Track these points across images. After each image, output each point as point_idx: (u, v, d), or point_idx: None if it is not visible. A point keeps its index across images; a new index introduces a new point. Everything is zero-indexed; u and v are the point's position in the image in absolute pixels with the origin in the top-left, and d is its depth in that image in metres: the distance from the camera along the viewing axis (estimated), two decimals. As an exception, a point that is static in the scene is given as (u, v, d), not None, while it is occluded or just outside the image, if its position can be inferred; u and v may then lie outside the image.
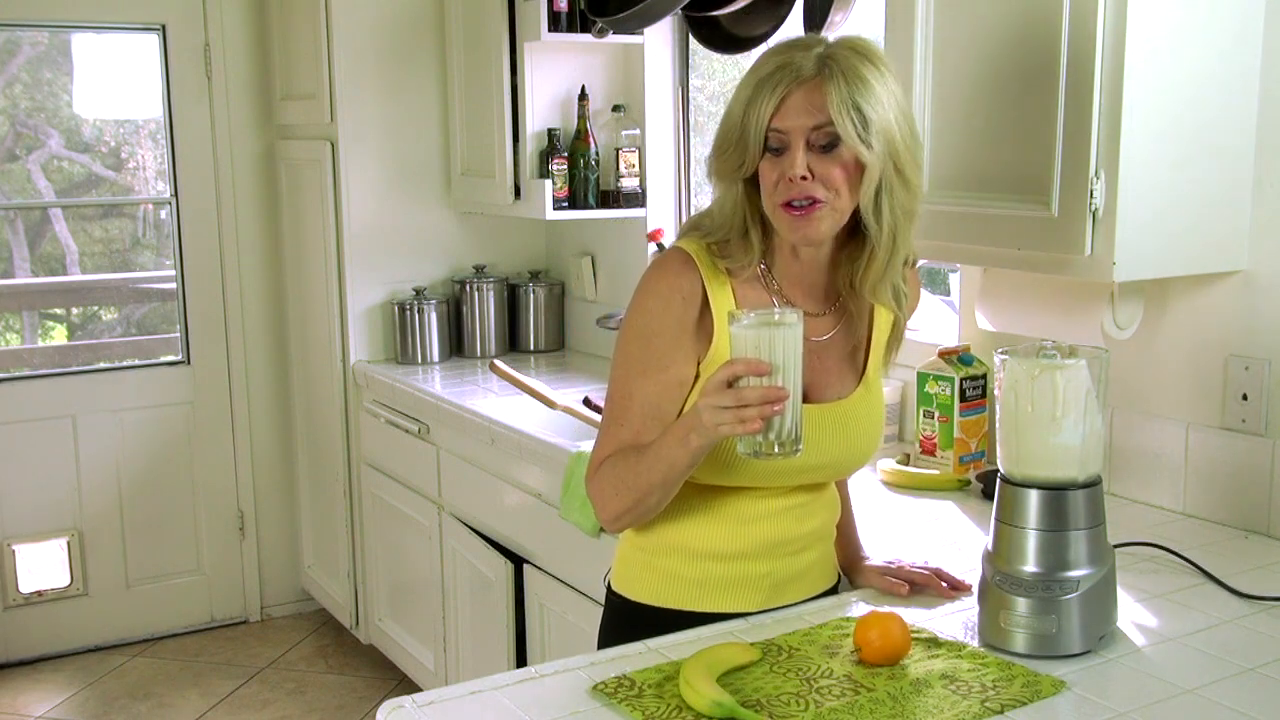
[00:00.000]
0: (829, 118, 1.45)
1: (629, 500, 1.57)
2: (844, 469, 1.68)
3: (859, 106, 1.45)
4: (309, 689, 3.75)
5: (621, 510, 1.59)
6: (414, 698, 1.37)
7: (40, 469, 3.91)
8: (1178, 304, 2.06)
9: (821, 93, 1.46)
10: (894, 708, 1.32)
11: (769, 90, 1.48)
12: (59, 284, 4.31)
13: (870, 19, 2.74)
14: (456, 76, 3.61)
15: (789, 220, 1.50)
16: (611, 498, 1.59)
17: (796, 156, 1.47)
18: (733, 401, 1.38)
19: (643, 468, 1.54)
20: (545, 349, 3.79)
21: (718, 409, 1.39)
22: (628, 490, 1.56)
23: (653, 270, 1.60)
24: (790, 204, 1.49)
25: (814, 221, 1.49)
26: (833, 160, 1.48)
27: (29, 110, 3.98)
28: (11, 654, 3.94)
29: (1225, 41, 1.85)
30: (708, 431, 1.43)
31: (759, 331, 1.38)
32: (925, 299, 2.84)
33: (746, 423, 1.37)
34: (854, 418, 1.63)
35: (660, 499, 1.56)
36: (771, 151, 1.50)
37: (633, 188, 3.33)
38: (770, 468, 1.56)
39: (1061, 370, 1.45)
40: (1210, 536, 1.94)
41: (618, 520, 1.61)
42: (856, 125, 1.45)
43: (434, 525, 3.25)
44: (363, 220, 3.64)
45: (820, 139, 1.47)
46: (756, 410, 1.37)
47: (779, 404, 1.37)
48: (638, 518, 1.60)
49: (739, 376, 1.39)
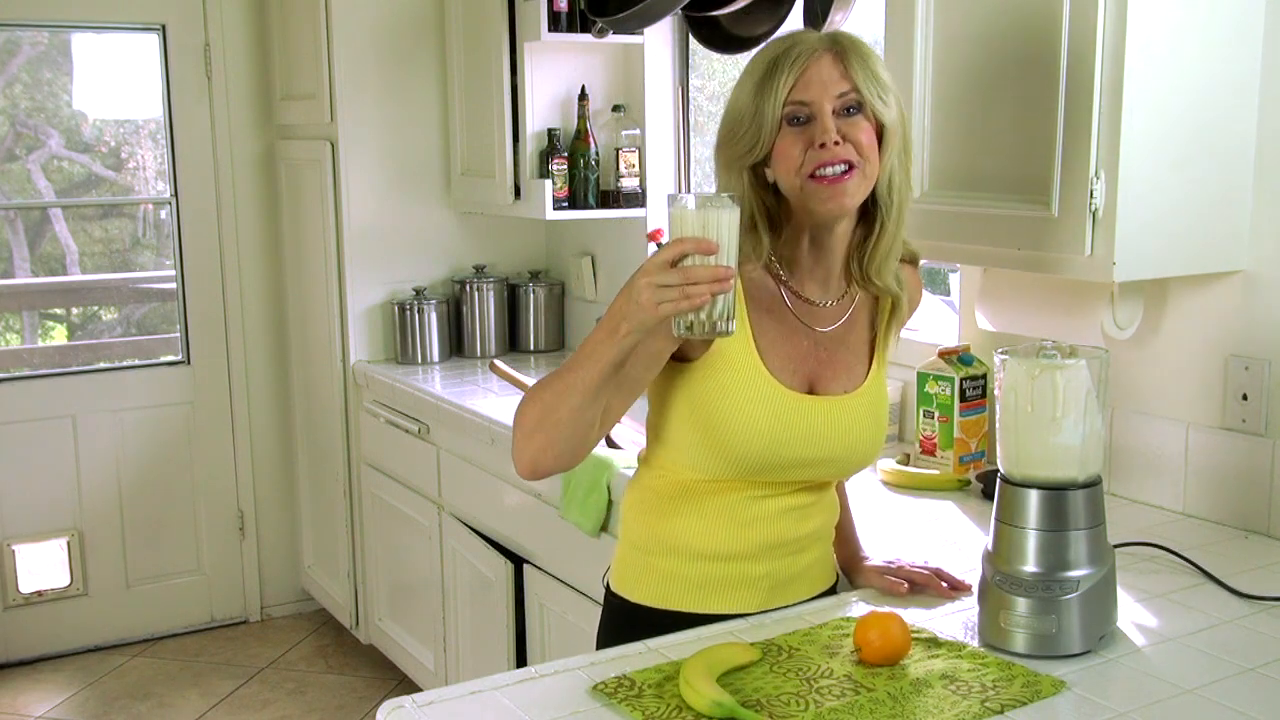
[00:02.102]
0: (852, 85, 1.49)
1: (542, 408, 1.47)
2: (846, 466, 1.67)
3: (875, 72, 1.51)
4: (309, 689, 3.75)
5: (533, 424, 1.49)
6: (414, 698, 1.37)
7: (40, 469, 3.91)
8: (1178, 304, 2.06)
9: (843, 62, 1.50)
10: (894, 708, 1.32)
11: (786, 67, 1.49)
12: (59, 284, 4.31)
13: (870, 19, 2.74)
14: (456, 76, 3.61)
15: (819, 191, 1.49)
16: (524, 415, 1.50)
17: (827, 122, 1.48)
18: (679, 279, 1.34)
19: (563, 371, 1.47)
20: (545, 349, 3.80)
21: (661, 287, 1.35)
22: (544, 396, 1.48)
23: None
24: (819, 174, 1.49)
25: (847, 189, 1.50)
26: (858, 124, 1.50)
27: (29, 110, 3.98)
28: (11, 654, 3.94)
29: (1225, 41, 1.85)
30: (644, 312, 1.36)
31: (704, 212, 1.37)
32: (925, 299, 2.84)
33: (692, 299, 1.34)
34: (859, 413, 1.62)
35: (574, 408, 1.45)
36: (792, 124, 1.50)
37: (633, 188, 3.33)
38: (773, 461, 1.56)
39: (1061, 370, 1.45)
40: (1210, 536, 1.94)
41: (528, 442, 1.50)
42: (878, 89, 1.50)
43: (434, 525, 3.25)
44: (363, 220, 3.65)
45: (843, 107, 1.50)
46: (706, 288, 1.34)
47: (726, 281, 1.35)
48: (547, 440, 1.49)
49: (685, 255, 1.36)
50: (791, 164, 1.50)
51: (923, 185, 2.03)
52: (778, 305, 1.60)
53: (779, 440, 1.56)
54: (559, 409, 1.47)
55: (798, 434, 1.57)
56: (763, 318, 1.58)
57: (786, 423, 1.56)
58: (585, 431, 1.50)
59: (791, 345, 1.60)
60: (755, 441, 1.55)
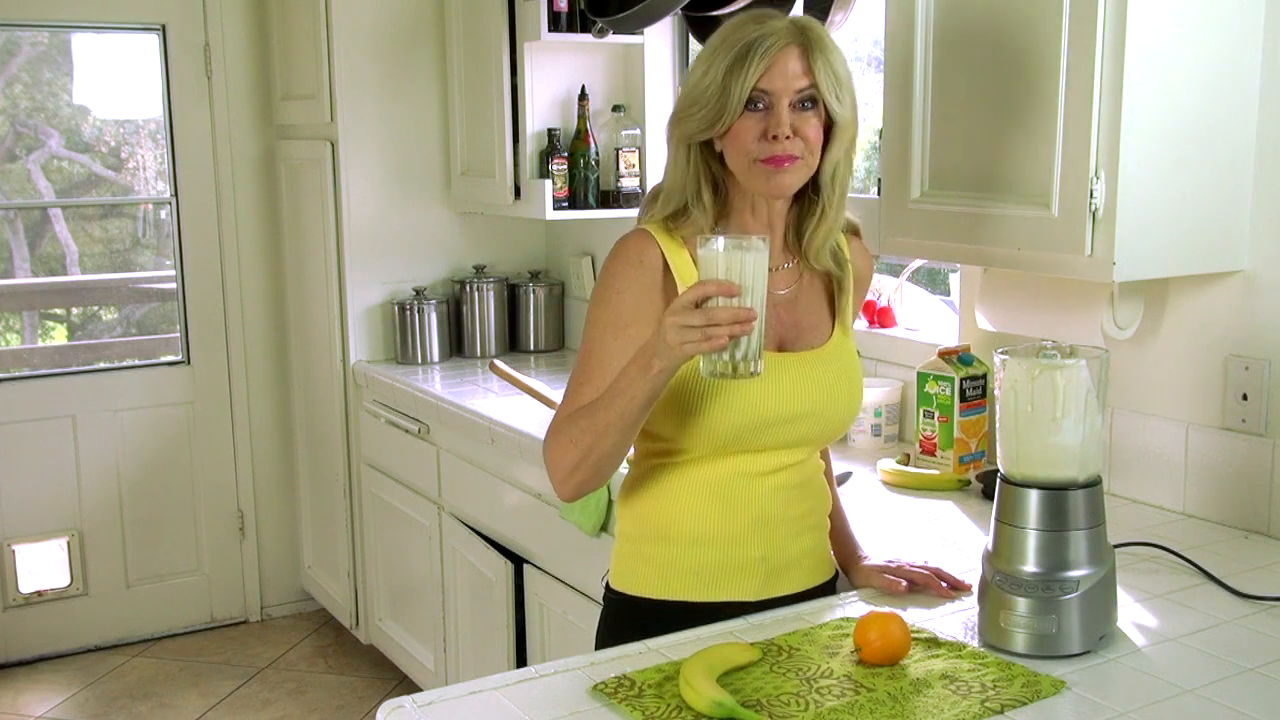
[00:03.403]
0: (812, 80, 1.57)
1: (582, 448, 1.55)
2: (824, 422, 1.67)
3: (836, 72, 1.58)
4: (309, 689, 3.76)
5: (574, 463, 1.56)
6: (414, 698, 1.37)
7: (40, 469, 3.91)
8: (1178, 304, 2.06)
9: (807, 58, 1.57)
10: (894, 708, 1.32)
11: (758, 54, 1.56)
12: (59, 284, 4.31)
13: (870, 19, 2.74)
14: (456, 76, 3.61)
15: (763, 172, 1.58)
16: (564, 452, 1.57)
17: (782, 115, 1.56)
18: (702, 320, 1.40)
19: (599, 408, 1.53)
20: (545, 349, 3.80)
21: (685, 328, 1.40)
22: (583, 437, 1.54)
23: (615, 248, 1.67)
24: (769, 158, 1.57)
25: (788, 174, 1.58)
26: (809, 119, 1.58)
27: (29, 110, 3.98)
28: (11, 654, 3.94)
29: (1225, 41, 1.85)
30: (672, 352, 1.42)
31: (729, 254, 1.42)
32: (925, 299, 2.84)
33: (713, 340, 1.39)
34: (830, 364, 1.67)
35: (614, 444, 1.53)
36: (751, 108, 1.57)
37: (633, 188, 3.33)
38: (752, 420, 1.59)
39: (1061, 370, 1.45)
40: (1210, 536, 1.94)
41: (570, 478, 1.58)
42: (835, 87, 1.58)
43: (434, 525, 3.25)
44: (363, 220, 3.65)
45: (799, 100, 1.57)
46: (726, 329, 1.39)
47: (748, 323, 1.40)
48: (590, 474, 1.57)
49: (709, 297, 1.41)
50: (743, 146, 1.58)
51: (923, 185, 2.03)
52: None
53: (757, 400, 1.60)
54: (599, 446, 1.54)
55: (774, 391, 1.61)
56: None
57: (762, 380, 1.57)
58: (623, 456, 1.59)
59: None
60: (735, 404, 1.59)
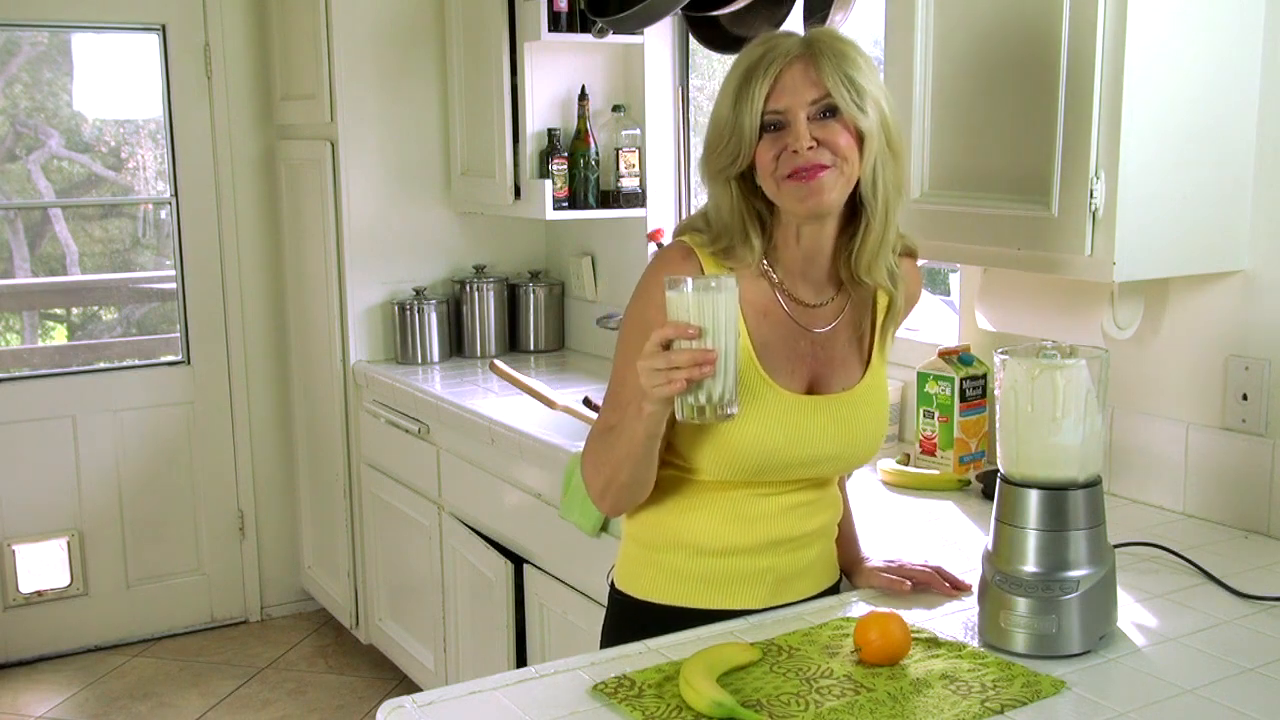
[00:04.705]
0: (825, 90, 1.49)
1: (605, 477, 1.59)
2: (848, 462, 1.68)
3: (850, 77, 1.50)
4: (309, 689, 3.75)
5: (602, 488, 1.61)
6: (414, 698, 1.37)
7: (40, 469, 3.91)
8: (1178, 304, 2.06)
9: (815, 67, 1.50)
10: (894, 708, 1.32)
11: (760, 75, 1.50)
12: (59, 284, 4.31)
13: (870, 19, 2.74)
14: (456, 76, 3.61)
15: (795, 189, 1.51)
16: (594, 475, 1.62)
17: (799, 128, 1.49)
18: (664, 364, 1.40)
19: (615, 440, 1.56)
20: (545, 349, 3.80)
21: (651, 370, 1.42)
22: (603, 466, 1.59)
23: (654, 262, 1.63)
24: (795, 174, 1.50)
25: (823, 188, 1.50)
26: (834, 128, 1.50)
27: (29, 110, 3.98)
28: (11, 654, 3.94)
29: (1225, 42, 1.85)
30: (649, 395, 1.44)
31: (693, 295, 1.41)
32: (925, 299, 2.84)
33: (674, 382, 1.40)
34: (858, 409, 1.63)
35: (632, 475, 1.57)
36: (769, 130, 1.51)
37: (633, 188, 3.33)
38: (774, 462, 1.57)
39: (1061, 370, 1.45)
40: (1210, 536, 1.94)
41: (602, 500, 1.63)
42: (851, 94, 1.49)
43: (434, 525, 3.25)
44: (363, 220, 3.64)
45: (818, 112, 1.50)
46: (685, 372, 1.39)
47: (707, 365, 1.39)
48: (618, 497, 1.62)
49: (670, 340, 1.41)
50: (768, 166, 1.52)
51: (923, 185, 2.03)
52: (773, 308, 1.61)
53: (780, 442, 1.57)
54: (620, 475, 1.58)
55: (799, 435, 1.58)
56: (759, 322, 1.59)
57: (787, 424, 1.57)
58: (648, 482, 1.61)
59: (788, 347, 1.60)
60: (758, 445, 1.57)
